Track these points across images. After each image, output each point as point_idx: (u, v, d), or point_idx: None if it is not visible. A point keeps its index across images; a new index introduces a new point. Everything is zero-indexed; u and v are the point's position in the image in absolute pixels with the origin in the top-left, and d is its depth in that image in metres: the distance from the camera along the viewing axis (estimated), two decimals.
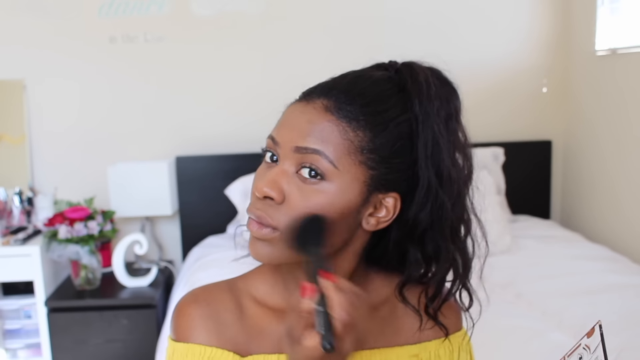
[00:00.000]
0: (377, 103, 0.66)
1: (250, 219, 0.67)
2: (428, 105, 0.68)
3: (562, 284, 2.09)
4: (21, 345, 2.58)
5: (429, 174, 0.68)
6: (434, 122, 0.68)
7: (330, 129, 0.65)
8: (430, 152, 0.68)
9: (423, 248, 0.71)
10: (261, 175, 0.68)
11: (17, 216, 2.62)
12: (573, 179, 3.00)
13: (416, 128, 0.68)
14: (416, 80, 0.69)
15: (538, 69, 2.99)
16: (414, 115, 0.68)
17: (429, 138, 0.68)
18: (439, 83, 0.71)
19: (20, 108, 2.77)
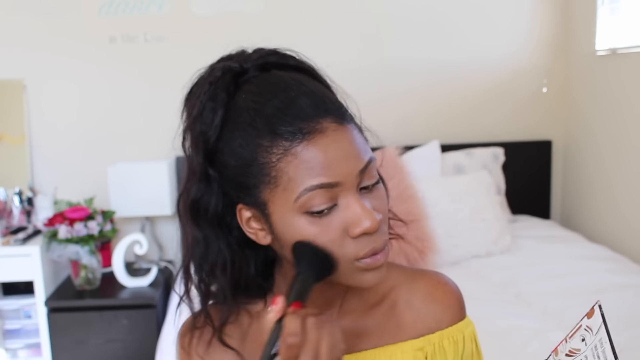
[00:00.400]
0: (330, 94, 0.69)
1: (371, 257, 0.65)
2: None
3: (562, 284, 2.09)
4: (21, 345, 2.58)
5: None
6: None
7: (358, 134, 0.66)
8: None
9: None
10: (323, 231, 0.63)
11: (17, 216, 2.62)
12: (573, 179, 3.00)
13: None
14: (305, 64, 0.75)
15: (538, 69, 2.99)
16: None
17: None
18: (293, 53, 0.78)
19: (20, 108, 2.77)
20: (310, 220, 0.63)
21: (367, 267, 0.65)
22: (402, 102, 2.90)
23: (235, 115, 0.66)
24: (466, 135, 2.95)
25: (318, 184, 0.61)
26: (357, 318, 0.76)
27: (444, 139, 2.85)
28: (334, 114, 0.64)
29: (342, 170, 0.62)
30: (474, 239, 2.44)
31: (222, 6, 2.79)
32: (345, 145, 0.63)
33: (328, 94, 0.67)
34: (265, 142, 0.63)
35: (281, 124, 0.62)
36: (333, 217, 0.63)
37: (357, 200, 0.63)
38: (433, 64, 2.92)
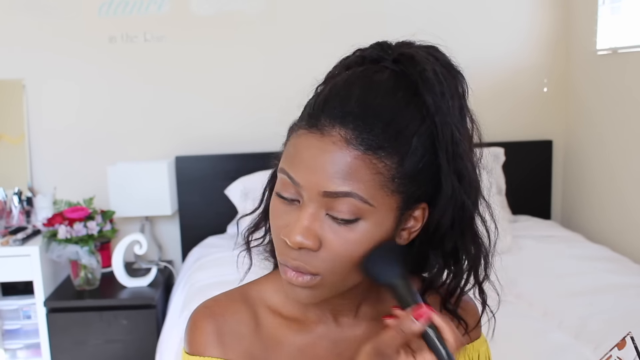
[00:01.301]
0: (397, 120, 0.61)
1: (284, 267, 0.64)
2: (442, 103, 0.63)
3: (562, 284, 2.09)
4: (20, 346, 2.57)
5: (452, 178, 0.64)
6: (451, 120, 0.63)
7: (358, 166, 0.59)
8: (452, 154, 0.63)
9: (443, 250, 0.69)
10: (280, 215, 0.64)
11: (16, 216, 2.61)
12: (574, 178, 2.99)
13: (436, 134, 0.63)
14: (426, 78, 0.63)
15: (539, 68, 2.98)
16: (432, 120, 0.63)
17: (449, 140, 0.63)
18: (446, 72, 0.66)
19: (20, 108, 2.77)
20: (278, 199, 0.65)
21: (282, 272, 0.65)
22: None
23: (324, 88, 0.67)
24: None
25: (287, 172, 0.63)
26: (372, 327, 0.73)
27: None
28: (353, 131, 0.59)
29: (307, 177, 0.61)
30: None
31: (222, 6, 2.79)
32: (328, 161, 0.60)
33: (388, 117, 0.60)
34: (306, 110, 0.65)
35: (315, 109, 0.63)
36: (292, 208, 0.63)
37: (308, 212, 0.61)
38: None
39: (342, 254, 0.62)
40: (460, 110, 0.66)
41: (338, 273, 0.63)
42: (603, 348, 1.65)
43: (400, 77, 0.63)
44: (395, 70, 0.64)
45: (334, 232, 0.61)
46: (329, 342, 0.73)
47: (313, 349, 0.72)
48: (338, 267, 0.63)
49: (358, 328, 0.73)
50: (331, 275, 0.63)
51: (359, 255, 0.62)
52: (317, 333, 0.73)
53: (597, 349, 1.65)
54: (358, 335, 0.73)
